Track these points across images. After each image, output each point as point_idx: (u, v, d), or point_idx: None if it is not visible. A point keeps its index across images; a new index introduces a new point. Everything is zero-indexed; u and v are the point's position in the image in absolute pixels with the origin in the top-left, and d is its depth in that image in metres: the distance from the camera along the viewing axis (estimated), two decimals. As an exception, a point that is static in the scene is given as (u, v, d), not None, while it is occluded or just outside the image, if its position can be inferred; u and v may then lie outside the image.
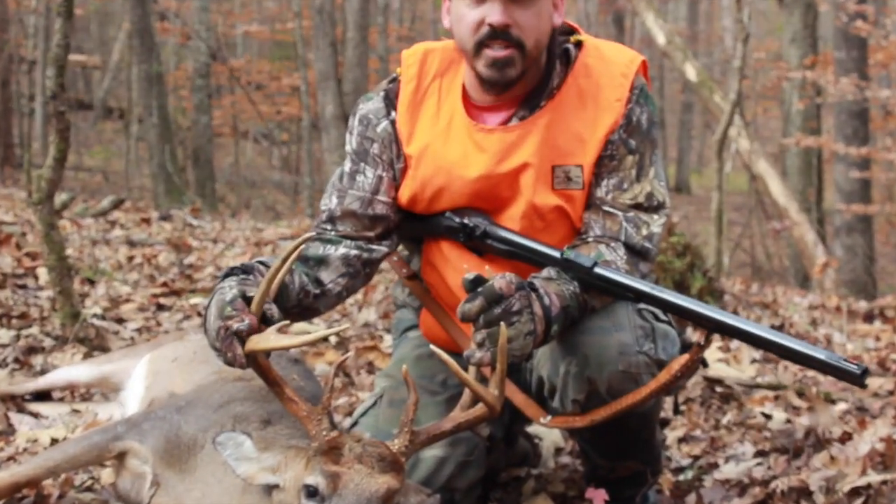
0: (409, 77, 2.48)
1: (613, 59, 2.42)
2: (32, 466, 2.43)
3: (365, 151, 2.49)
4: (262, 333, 2.07)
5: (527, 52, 2.31)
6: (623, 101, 2.37)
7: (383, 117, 2.48)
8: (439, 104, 2.45)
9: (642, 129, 2.40)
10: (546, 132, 2.36)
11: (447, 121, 2.43)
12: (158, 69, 12.90)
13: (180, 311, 4.61)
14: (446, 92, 2.45)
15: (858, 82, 12.82)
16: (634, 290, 2.20)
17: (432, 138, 2.43)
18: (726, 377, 3.95)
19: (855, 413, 3.60)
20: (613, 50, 2.45)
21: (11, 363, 3.67)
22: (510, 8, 2.26)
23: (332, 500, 1.94)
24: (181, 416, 2.39)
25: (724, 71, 20.59)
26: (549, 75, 2.41)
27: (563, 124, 2.37)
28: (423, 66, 2.48)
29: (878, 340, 5.41)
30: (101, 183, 15.41)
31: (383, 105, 2.49)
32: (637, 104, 2.39)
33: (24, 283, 4.78)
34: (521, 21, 2.28)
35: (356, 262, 2.45)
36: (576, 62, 2.41)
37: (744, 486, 2.81)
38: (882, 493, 2.58)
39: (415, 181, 2.44)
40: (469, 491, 2.49)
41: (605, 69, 2.40)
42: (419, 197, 2.45)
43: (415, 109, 2.46)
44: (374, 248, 2.48)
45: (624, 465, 2.55)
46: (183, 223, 7.76)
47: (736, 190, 15.24)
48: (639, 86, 2.40)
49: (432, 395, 2.53)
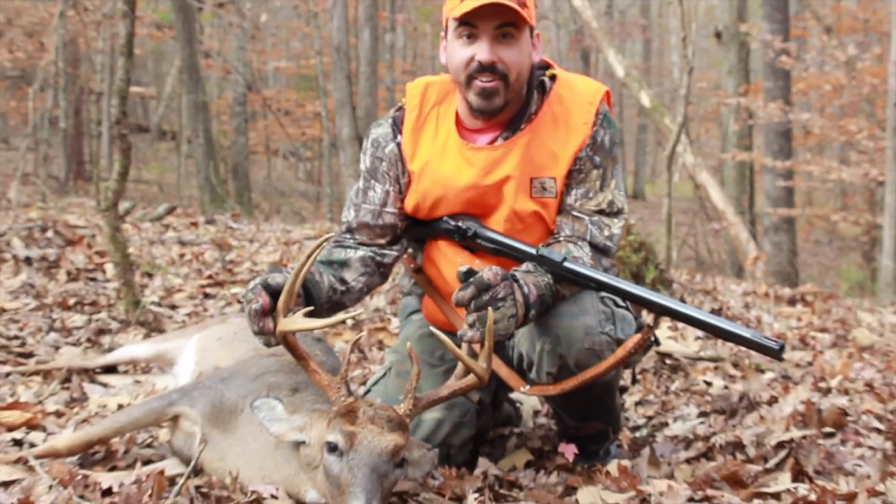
0: (413, 106, 2.48)
1: (582, 89, 2.43)
2: (102, 427, 2.44)
3: (375, 169, 2.50)
4: (292, 317, 2.09)
5: (510, 84, 2.32)
6: (590, 124, 2.38)
7: (391, 140, 2.49)
8: (437, 128, 2.45)
9: (605, 148, 2.40)
10: (525, 150, 2.37)
11: (443, 142, 2.43)
12: (203, 98, 12.88)
13: (223, 299, 4.62)
14: (443, 118, 2.46)
15: (783, 107, 12.82)
16: (597, 281, 2.22)
17: (431, 156, 2.43)
18: (674, 351, 3.96)
19: (780, 381, 3.62)
20: (582, 82, 2.46)
21: (84, 342, 3.68)
22: (496, 47, 2.28)
23: (349, 454, 1.95)
24: (224, 385, 2.40)
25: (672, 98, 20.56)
26: (528, 103, 2.41)
27: (539, 143, 2.37)
28: (424, 96, 2.49)
29: (800, 321, 5.43)
30: (156, 193, 15.37)
31: (391, 130, 2.50)
32: (601, 127, 2.39)
33: (94, 277, 4.78)
34: (505, 58, 2.29)
35: (372, 264, 2.47)
36: (550, 92, 2.42)
37: (689, 441, 2.82)
38: (802, 445, 2.59)
39: (417, 192, 2.45)
40: (462, 447, 2.50)
41: (574, 98, 2.41)
42: (421, 205, 2.46)
43: (417, 133, 2.46)
44: (385, 252, 2.50)
45: (590, 425, 2.56)
46: (224, 226, 7.75)
47: (683, 196, 15.23)
48: (603, 112, 2.41)
49: (432, 367, 2.54)
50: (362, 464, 1.92)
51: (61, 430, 2.65)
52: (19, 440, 2.59)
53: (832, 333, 4.93)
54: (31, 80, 14.09)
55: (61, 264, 4.88)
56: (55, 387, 3.11)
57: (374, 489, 1.89)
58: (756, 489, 2.32)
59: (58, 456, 2.35)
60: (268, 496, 2.12)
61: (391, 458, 1.97)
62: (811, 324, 5.27)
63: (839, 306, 6.26)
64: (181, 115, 15.72)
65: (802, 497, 2.21)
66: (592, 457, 2.57)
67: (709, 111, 18.94)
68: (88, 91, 15.76)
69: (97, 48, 14.34)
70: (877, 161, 12.03)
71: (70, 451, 2.38)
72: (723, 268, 12.19)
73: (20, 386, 3.10)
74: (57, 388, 3.11)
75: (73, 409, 2.90)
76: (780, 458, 2.52)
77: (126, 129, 3.99)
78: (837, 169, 13.22)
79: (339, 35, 11.70)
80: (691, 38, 8.02)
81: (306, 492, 2.10)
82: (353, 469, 1.92)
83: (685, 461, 2.61)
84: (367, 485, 1.89)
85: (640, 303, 2.20)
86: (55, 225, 5.81)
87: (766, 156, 13.54)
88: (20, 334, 3.69)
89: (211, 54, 16.58)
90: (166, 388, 2.96)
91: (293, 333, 2.08)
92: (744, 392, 3.23)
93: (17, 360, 3.41)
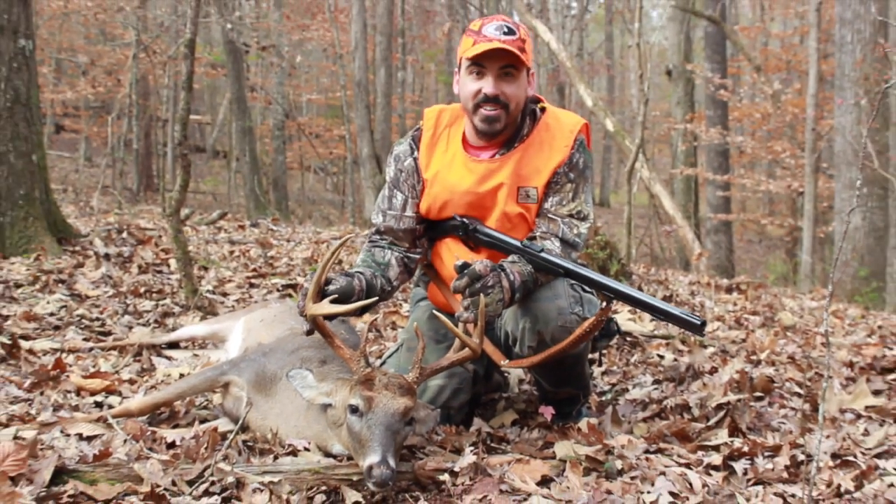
0: (428, 127, 2.50)
1: (565, 120, 2.44)
2: (167, 392, 2.44)
3: (397, 180, 2.51)
4: (320, 303, 2.09)
5: (510, 112, 2.35)
6: (569, 147, 2.39)
7: (409, 156, 2.50)
8: (447, 145, 2.48)
9: (579, 168, 2.41)
10: (516, 164, 2.38)
11: (452, 156, 2.45)
12: (249, 124, 12.85)
13: (265, 288, 4.61)
14: (453, 137, 2.48)
15: (721, 132, 12.83)
16: (565, 268, 2.23)
17: (441, 167, 2.45)
18: (633, 330, 3.96)
19: (719, 354, 3.61)
20: (565, 115, 2.48)
21: (152, 323, 3.67)
22: (499, 83, 2.31)
23: (368, 415, 1.95)
24: (266, 358, 2.40)
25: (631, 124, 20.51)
26: (521, 127, 2.43)
27: (527, 160, 2.39)
28: (438, 119, 2.51)
29: (735, 305, 5.42)
30: (211, 202, 15.33)
31: (409, 147, 2.51)
32: (578, 151, 2.40)
33: (160, 270, 4.78)
34: (506, 91, 2.32)
35: (404, 264, 2.50)
36: (539, 120, 2.44)
37: (645, 403, 2.82)
38: (737, 407, 2.59)
39: (429, 196, 2.46)
40: (460, 409, 2.50)
41: (558, 126, 2.43)
42: (432, 207, 2.47)
43: (431, 149, 2.48)
44: (410, 255, 2.53)
45: (564, 391, 2.55)
46: (266, 228, 7.72)
47: (640, 204, 15.17)
48: (580, 140, 2.43)
49: (437, 343, 2.54)
50: (378, 423, 1.92)
51: (134, 395, 2.65)
52: (100, 403, 2.60)
53: (761, 316, 4.92)
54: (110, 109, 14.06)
55: (134, 260, 4.87)
56: (129, 359, 3.12)
57: (388, 443, 1.89)
58: (699, 443, 2.32)
59: (131, 416, 2.36)
60: (301, 448, 2.13)
61: (402, 417, 1.97)
62: (744, 308, 5.26)
63: (767, 294, 6.25)
64: (231, 138, 15.67)
65: (737, 449, 2.21)
66: (566, 417, 2.56)
67: (661, 135, 18.90)
68: (156, 118, 15.76)
69: (163, 84, 14.34)
70: (797, 175, 12.02)
71: (141, 411, 2.38)
72: (673, 263, 12.15)
73: (101, 359, 3.10)
74: (130, 360, 3.11)
75: (144, 378, 2.91)
76: (719, 418, 2.52)
77: (186, 150, 3.98)
78: (766, 182, 13.23)
79: (360, 73, 11.68)
80: (647, 76, 8.00)
81: (333, 445, 2.10)
82: (371, 427, 1.92)
83: (642, 420, 2.61)
84: (383, 440, 1.89)
85: (595, 286, 2.20)
86: (129, 227, 5.81)
87: (708, 171, 13.56)
88: (101, 317, 3.69)
89: (255, 88, 16.53)
90: (219, 360, 2.97)
91: (322, 317, 2.08)
92: (690, 363, 3.23)
93: (98, 337, 3.41)
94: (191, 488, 1.85)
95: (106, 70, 14.66)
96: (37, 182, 4.69)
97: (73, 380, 2.73)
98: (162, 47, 12.66)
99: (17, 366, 2.91)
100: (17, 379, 2.73)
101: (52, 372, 2.79)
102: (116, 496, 1.78)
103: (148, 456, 2.01)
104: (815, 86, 9.65)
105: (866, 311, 6.13)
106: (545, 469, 2.05)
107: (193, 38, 3.99)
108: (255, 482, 1.87)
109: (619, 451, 2.17)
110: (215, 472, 1.89)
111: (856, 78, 8.15)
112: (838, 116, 8.44)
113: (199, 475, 1.89)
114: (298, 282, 4.70)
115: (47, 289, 4.00)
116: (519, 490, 1.95)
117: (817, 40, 9.79)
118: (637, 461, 2.12)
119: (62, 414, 2.41)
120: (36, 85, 4.81)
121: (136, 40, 11.16)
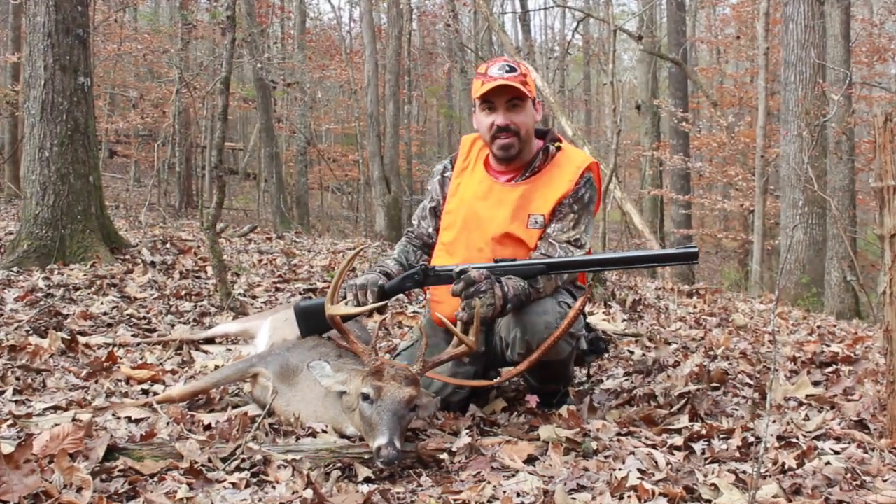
0: (463, 152, 2.57)
1: (574, 159, 2.45)
2: (204, 382, 2.44)
3: (433, 190, 2.59)
4: (338, 305, 2.09)
5: (521, 138, 2.39)
6: (574, 181, 2.40)
7: (443, 174, 2.59)
8: (474, 167, 2.53)
9: (584, 201, 2.41)
10: (528, 192, 2.41)
11: (478, 177, 2.50)
12: (276, 150, 12.82)
13: (289, 292, 4.61)
14: (479, 161, 2.54)
15: (683, 158, 12.88)
16: (545, 264, 2.27)
17: (464, 183, 2.52)
18: (607, 329, 3.95)
19: (681, 350, 3.61)
20: (576, 153, 2.48)
21: (192, 322, 3.67)
22: (508, 114, 2.36)
23: (378, 402, 1.95)
24: (290, 352, 2.40)
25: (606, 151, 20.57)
26: (535, 160, 2.45)
27: (538, 190, 2.41)
28: (471, 146, 2.57)
29: (696, 308, 5.42)
30: (242, 217, 15.29)
31: (443, 167, 2.61)
32: (584, 186, 2.41)
33: (199, 275, 4.78)
34: (516, 120, 2.37)
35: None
36: (553, 157, 2.45)
37: (618, 392, 2.82)
38: (696, 396, 2.59)
39: (451, 205, 2.53)
40: (459, 401, 2.49)
41: (568, 163, 2.44)
42: (453, 218, 2.52)
43: (463, 170, 2.54)
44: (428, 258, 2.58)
45: (549, 386, 2.55)
46: (290, 240, 7.73)
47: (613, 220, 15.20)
48: (588, 176, 2.43)
49: (447, 344, 2.53)
50: (386, 409, 1.93)
51: (175, 384, 2.65)
52: (146, 390, 2.60)
53: (717, 317, 4.92)
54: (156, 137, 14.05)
55: (176, 267, 4.88)
56: (171, 353, 3.12)
57: (395, 427, 1.89)
58: (664, 427, 2.32)
59: (172, 402, 2.36)
60: (319, 430, 2.12)
61: (407, 404, 1.97)
62: (703, 310, 5.26)
63: (722, 298, 6.26)
64: (260, 162, 15.65)
65: (696, 432, 2.21)
66: (549, 404, 2.56)
67: (632, 160, 18.91)
68: (196, 145, 15.78)
69: (202, 115, 14.38)
70: (748, 196, 12.04)
71: (181, 398, 2.38)
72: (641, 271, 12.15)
73: (147, 352, 3.11)
74: (172, 354, 3.11)
75: (184, 369, 2.91)
76: (680, 405, 2.52)
77: (222, 172, 4.00)
78: (721, 201, 13.27)
79: (372, 106, 11.72)
80: (619, 110, 8.04)
81: (347, 427, 2.10)
82: (380, 413, 1.92)
83: (615, 407, 2.60)
84: (390, 424, 1.89)
85: (580, 266, 2.28)
86: (172, 239, 5.82)
87: (672, 192, 13.60)
88: (147, 316, 3.69)
89: (281, 119, 16.54)
90: (248, 354, 2.96)
91: (339, 317, 2.09)
92: (656, 358, 3.22)
93: (145, 333, 3.41)
94: (224, 465, 1.86)
95: (153, 103, 14.67)
96: (93, 199, 4.72)
97: (123, 370, 2.74)
98: (201, 84, 12.70)
99: (76, 358, 2.92)
100: (75, 369, 2.74)
101: (105, 363, 2.80)
102: (160, 471, 1.78)
103: (187, 436, 2.01)
104: (764, 119, 9.73)
105: (807, 313, 6.15)
106: (531, 449, 2.05)
107: (228, 75, 4.02)
108: (279, 460, 1.87)
109: (594, 434, 2.17)
110: (245, 450, 1.90)
111: (798, 112, 8.21)
112: (783, 145, 8.48)
113: (232, 453, 1.90)
114: (318, 286, 4.70)
115: (101, 291, 4.01)
116: (508, 467, 1.95)
117: (765, 80, 9.87)
118: (610, 442, 2.12)
119: (114, 399, 2.42)
120: (93, 116, 4.84)
121: (178, 77, 11.22)
